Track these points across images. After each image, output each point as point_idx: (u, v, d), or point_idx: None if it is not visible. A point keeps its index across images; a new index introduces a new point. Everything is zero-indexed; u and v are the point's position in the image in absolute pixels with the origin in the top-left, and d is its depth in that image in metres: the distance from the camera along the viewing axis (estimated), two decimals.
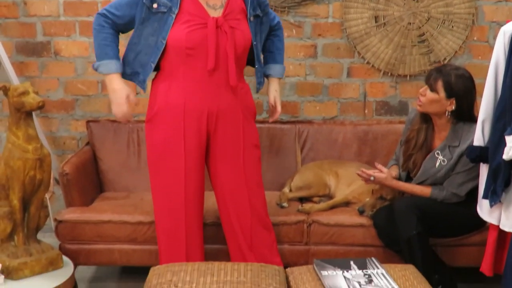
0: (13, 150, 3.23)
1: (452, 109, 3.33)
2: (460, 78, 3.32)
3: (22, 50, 4.26)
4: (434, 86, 3.33)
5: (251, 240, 3.22)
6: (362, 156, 4.11)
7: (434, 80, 3.33)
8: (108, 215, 3.59)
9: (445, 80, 3.31)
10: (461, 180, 3.34)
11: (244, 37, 3.05)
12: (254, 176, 3.22)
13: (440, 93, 3.32)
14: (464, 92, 3.32)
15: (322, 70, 4.29)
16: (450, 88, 3.30)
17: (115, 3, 3.08)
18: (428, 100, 3.34)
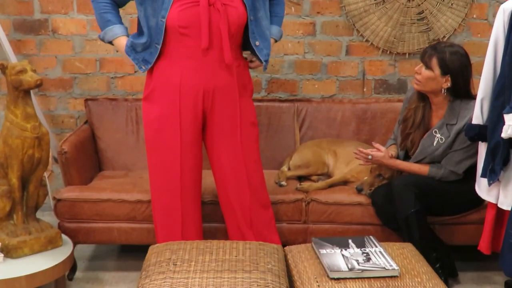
0: (11, 128, 3.23)
1: (448, 86, 3.33)
2: (455, 55, 3.32)
3: (19, 28, 4.23)
4: (429, 64, 3.32)
5: (250, 219, 3.23)
6: (361, 134, 4.11)
7: (429, 57, 3.33)
8: (107, 194, 3.59)
9: (440, 57, 3.31)
10: (459, 158, 3.35)
11: (238, 14, 3.02)
12: (252, 154, 3.23)
13: (435, 70, 3.31)
14: (460, 68, 3.32)
15: (321, 48, 4.27)
16: (445, 65, 3.30)
17: None
18: (424, 78, 3.35)
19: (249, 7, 3.06)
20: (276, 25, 3.35)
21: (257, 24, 3.12)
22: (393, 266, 2.57)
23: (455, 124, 3.34)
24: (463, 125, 3.29)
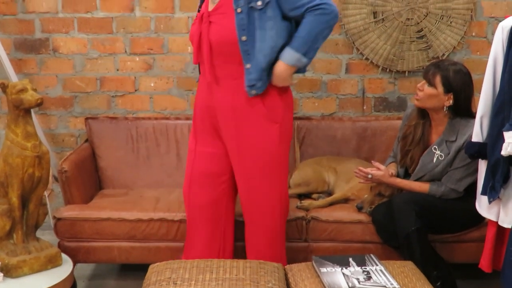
0: (11, 147, 3.23)
1: (450, 104, 3.34)
2: (458, 73, 3.33)
3: (20, 47, 4.25)
4: (432, 81, 3.33)
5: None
6: (361, 152, 4.11)
7: (432, 75, 3.34)
8: (107, 213, 3.59)
9: (443, 75, 3.31)
10: (459, 175, 3.34)
11: (221, 32, 2.95)
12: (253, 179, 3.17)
13: (438, 88, 3.32)
14: (462, 87, 3.33)
15: (320, 66, 4.29)
16: (448, 83, 3.31)
17: None
18: (426, 95, 3.35)
19: (238, 27, 2.92)
20: (290, 47, 2.96)
21: (252, 45, 2.94)
22: (394, 285, 2.56)
23: (454, 141, 3.35)
24: (463, 142, 3.29)
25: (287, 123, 3.14)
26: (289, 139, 3.19)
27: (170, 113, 4.33)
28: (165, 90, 4.31)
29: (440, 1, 4.16)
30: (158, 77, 4.28)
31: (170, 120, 4.21)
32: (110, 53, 4.27)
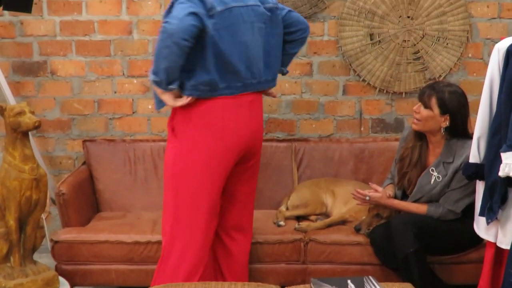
0: (9, 170, 3.23)
1: (447, 125, 3.35)
2: (453, 94, 3.34)
3: (18, 70, 4.26)
4: (428, 103, 3.34)
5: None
6: (359, 173, 4.11)
7: (428, 97, 3.35)
8: (105, 235, 3.58)
9: (439, 97, 3.33)
10: (457, 196, 3.34)
11: None
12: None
13: (435, 110, 3.33)
14: (458, 107, 3.34)
15: (318, 87, 4.30)
16: (444, 104, 3.32)
17: None
18: (422, 117, 3.36)
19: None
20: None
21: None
22: None
23: (451, 162, 3.35)
24: (460, 163, 3.29)
25: (191, 141, 3.00)
26: (197, 158, 3.01)
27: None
28: (163, 112, 4.30)
29: (436, 23, 4.19)
30: None
31: None
32: (108, 75, 4.28)
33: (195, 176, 3.00)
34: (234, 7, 2.86)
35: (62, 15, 4.20)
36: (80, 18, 4.21)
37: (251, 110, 3.02)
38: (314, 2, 4.17)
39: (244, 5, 2.91)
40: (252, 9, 2.93)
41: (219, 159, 2.98)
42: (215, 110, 2.94)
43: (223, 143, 2.96)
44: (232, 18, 2.85)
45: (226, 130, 2.95)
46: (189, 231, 3.06)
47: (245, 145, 3.04)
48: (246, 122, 3.01)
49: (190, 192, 3.03)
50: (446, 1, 4.16)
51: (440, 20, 4.19)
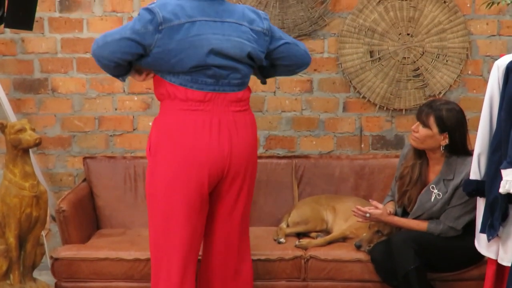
0: (9, 187, 3.23)
1: (446, 143, 3.35)
2: (451, 112, 3.35)
3: (19, 87, 4.27)
4: (426, 122, 3.35)
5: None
6: (359, 190, 4.11)
7: (426, 116, 3.35)
8: (105, 252, 3.57)
9: (437, 115, 3.33)
10: (458, 213, 3.34)
11: None
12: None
13: (433, 129, 3.34)
14: (456, 125, 3.35)
15: (318, 104, 4.31)
16: (443, 123, 3.33)
17: None
18: (421, 136, 3.37)
19: None
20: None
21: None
22: None
23: (452, 179, 3.35)
24: (460, 180, 3.30)
25: (159, 159, 2.95)
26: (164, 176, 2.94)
27: None
28: None
29: (436, 40, 4.20)
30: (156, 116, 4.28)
31: None
32: (109, 92, 4.29)
33: (165, 194, 2.94)
34: (200, 21, 2.86)
35: (63, 32, 4.22)
36: (81, 36, 4.22)
37: (225, 128, 2.93)
38: (314, 20, 4.18)
39: (220, 21, 2.90)
40: (230, 25, 2.92)
41: (187, 177, 2.90)
42: (181, 127, 2.90)
43: (189, 161, 2.90)
44: (195, 31, 2.84)
45: (193, 148, 2.90)
46: (167, 250, 3.00)
47: (215, 166, 2.93)
48: (214, 141, 2.91)
49: (162, 215, 2.97)
50: (445, 19, 4.18)
51: (440, 37, 4.20)
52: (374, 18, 4.19)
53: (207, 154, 2.89)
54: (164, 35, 2.78)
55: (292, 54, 3.08)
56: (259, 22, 2.98)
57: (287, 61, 3.10)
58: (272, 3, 4.15)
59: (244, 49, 2.92)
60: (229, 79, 2.94)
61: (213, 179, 2.95)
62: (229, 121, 2.94)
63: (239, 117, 2.98)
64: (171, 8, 2.80)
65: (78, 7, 4.20)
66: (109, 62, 2.81)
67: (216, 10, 2.90)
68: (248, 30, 2.94)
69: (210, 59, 2.86)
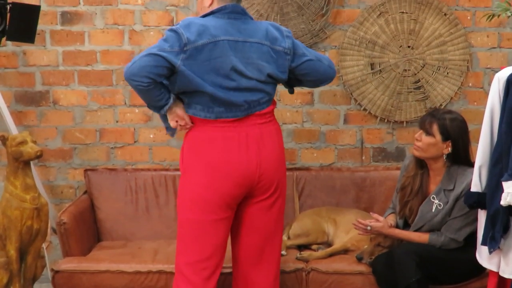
0: (10, 199, 3.23)
1: (449, 151, 3.35)
2: (454, 121, 3.36)
3: (21, 100, 4.28)
4: (429, 130, 3.35)
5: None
6: (360, 202, 4.10)
7: (429, 124, 3.36)
8: (106, 265, 3.56)
9: (440, 123, 3.34)
10: (459, 225, 3.34)
11: None
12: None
13: (436, 136, 3.34)
14: (460, 134, 3.35)
15: (319, 116, 4.31)
16: (446, 130, 3.34)
17: None
18: (425, 144, 3.37)
19: None
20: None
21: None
22: None
23: (452, 189, 3.35)
24: (461, 191, 3.29)
25: (190, 171, 3.01)
26: (193, 189, 2.99)
27: (169, 164, 4.33)
28: (164, 142, 4.32)
29: (436, 52, 4.21)
30: (157, 128, 4.30)
31: (169, 171, 4.22)
32: (110, 105, 4.30)
33: (192, 206, 3.00)
34: (222, 41, 2.88)
35: (65, 45, 4.23)
36: (82, 48, 4.24)
37: (253, 142, 2.99)
38: (315, 32, 4.20)
39: (242, 40, 2.92)
40: (251, 46, 2.94)
41: (215, 191, 2.96)
42: (210, 141, 2.95)
43: (219, 174, 2.95)
44: (218, 51, 2.87)
45: (222, 162, 2.94)
46: (191, 261, 3.05)
47: (248, 178, 2.98)
48: (243, 155, 2.96)
49: (190, 227, 3.02)
50: (446, 31, 4.19)
51: (441, 50, 4.21)
52: (374, 30, 4.20)
53: (236, 168, 2.94)
54: (189, 56, 2.82)
55: (315, 70, 3.10)
56: (281, 41, 3.00)
57: (311, 77, 3.12)
58: (273, 15, 4.17)
59: (263, 71, 2.96)
60: (258, 100, 2.99)
61: (242, 191, 3.00)
62: (256, 134, 2.99)
63: (265, 128, 3.03)
64: (196, 29, 2.84)
65: (79, 20, 4.22)
66: (140, 79, 2.78)
67: (239, 29, 2.92)
68: (269, 50, 2.96)
69: (234, 82, 2.91)
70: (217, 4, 2.94)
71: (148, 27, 4.24)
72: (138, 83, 2.80)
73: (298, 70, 3.07)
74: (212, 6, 2.95)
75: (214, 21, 2.89)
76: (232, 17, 2.93)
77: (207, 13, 2.94)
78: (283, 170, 3.12)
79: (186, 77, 2.84)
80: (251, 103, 2.96)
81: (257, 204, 3.07)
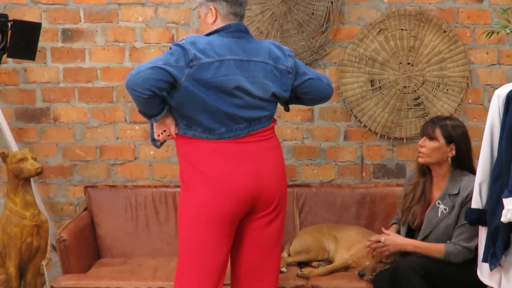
0: (10, 216, 3.23)
1: (453, 154, 3.38)
2: (456, 125, 3.41)
3: (21, 116, 4.29)
4: (432, 135, 3.38)
5: None
6: (361, 219, 4.10)
7: (432, 129, 3.39)
8: (105, 282, 3.55)
9: (443, 127, 3.38)
10: (470, 233, 3.29)
11: None
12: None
13: (440, 140, 3.37)
14: (462, 137, 3.39)
15: (319, 133, 4.32)
16: (449, 134, 3.37)
17: None
18: (429, 149, 3.39)
19: None
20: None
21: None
22: None
23: (457, 194, 3.35)
24: (466, 196, 3.30)
25: (192, 189, 2.98)
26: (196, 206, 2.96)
27: (169, 181, 4.33)
28: (165, 158, 4.33)
29: (436, 69, 4.23)
30: None
31: (169, 188, 4.22)
32: (110, 121, 4.30)
33: (195, 224, 2.98)
34: (228, 60, 2.89)
35: (66, 62, 4.25)
36: (83, 65, 4.25)
37: (253, 159, 2.98)
38: (315, 49, 4.21)
39: (246, 59, 2.93)
40: (256, 65, 2.95)
41: (217, 208, 2.94)
42: (212, 157, 2.94)
43: (222, 192, 2.94)
44: (224, 70, 2.88)
45: (224, 179, 2.94)
46: (195, 277, 3.02)
47: (249, 194, 2.97)
48: (241, 172, 2.94)
49: (191, 245, 3.00)
50: (445, 48, 4.21)
51: (440, 67, 4.22)
52: (374, 47, 4.21)
53: (237, 185, 2.93)
54: (195, 71, 2.81)
55: (316, 89, 3.12)
56: (284, 60, 3.01)
57: (311, 95, 3.14)
58: (273, 33, 4.18)
59: (268, 90, 2.96)
60: (259, 118, 2.99)
61: (244, 208, 2.98)
62: (255, 151, 2.98)
63: (264, 145, 3.03)
64: (202, 46, 2.83)
65: (80, 37, 4.23)
66: (142, 90, 2.77)
67: (244, 48, 2.93)
68: (272, 69, 2.97)
69: (238, 99, 2.90)
70: (220, 22, 2.95)
71: (149, 44, 4.25)
72: (139, 94, 2.78)
73: (299, 88, 3.08)
74: (216, 23, 2.96)
75: (219, 39, 2.90)
76: (236, 36, 2.93)
77: (212, 31, 2.95)
78: (284, 186, 3.12)
79: (188, 92, 2.83)
80: (251, 121, 2.96)
81: (258, 220, 3.05)
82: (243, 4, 2.99)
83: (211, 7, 2.95)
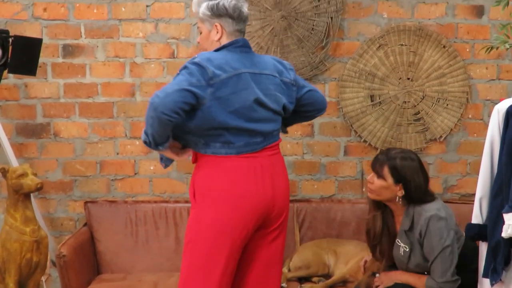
0: (10, 232, 3.22)
1: (402, 194, 3.21)
2: (406, 161, 3.21)
3: (22, 132, 4.29)
4: (380, 173, 3.22)
5: None
6: (361, 234, 4.06)
7: (380, 166, 3.24)
8: None
9: (391, 166, 3.21)
10: (440, 267, 3.16)
11: None
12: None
13: (388, 179, 3.21)
14: (411, 175, 3.20)
15: (319, 148, 4.32)
16: (397, 173, 3.19)
17: None
18: (377, 187, 3.24)
19: None
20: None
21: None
22: None
23: (412, 231, 3.22)
24: (419, 232, 3.17)
25: (206, 206, 2.92)
26: (210, 224, 2.89)
27: (169, 196, 4.33)
28: (165, 174, 4.32)
29: (436, 84, 4.23)
30: (157, 160, 4.27)
31: (169, 203, 4.21)
32: (111, 137, 4.31)
33: (207, 242, 2.92)
34: (244, 73, 2.89)
35: (66, 77, 4.26)
36: (84, 81, 4.26)
37: (268, 173, 2.95)
38: (315, 65, 4.22)
39: (259, 73, 2.94)
40: (267, 77, 2.96)
41: (232, 226, 2.89)
42: (229, 175, 2.89)
43: (237, 209, 2.89)
44: (242, 84, 2.87)
45: (239, 196, 2.90)
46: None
47: (268, 209, 2.95)
48: (261, 187, 2.92)
49: (203, 260, 2.94)
50: (445, 63, 4.22)
51: (440, 82, 4.23)
52: (374, 62, 4.23)
53: (256, 199, 2.90)
54: (216, 90, 2.78)
55: (315, 100, 3.14)
56: (286, 73, 3.03)
57: (311, 107, 3.15)
58: (273, 48, 4.20)
59: (280, 102, 2.97)
60: (272, 131, 2.99)
61: (260, 222, 2.96)
62: (269, 165, 2.96)
63: (275, 159, 3.02)
64: (218, 62, 2.80)
65: (81, 52, 4.24)
66: (171, 113, 2.68)
67: (253, 62, 2.93)
68: (279, 82, 2.99)
69: (255, 112, 2.89)
70: (226, 38, 2.94)
71: (149, 60, 4.26)
72: (168, 117, 2.68)
73: (301, 100, 3.10)
74: (222, 40, 2.94)
75: (229, 54, 2.88)
76: (244, 51, 2.93)
77: (220, 47, 2.93)
78: (288, 200, 3.11)
79: (210, 112, 2.79)
80: (266, 135, 2.96)
81: (265, 236, 3.02)
82: (246, 21, 3.00)
83: (216, 24, 2.93)
